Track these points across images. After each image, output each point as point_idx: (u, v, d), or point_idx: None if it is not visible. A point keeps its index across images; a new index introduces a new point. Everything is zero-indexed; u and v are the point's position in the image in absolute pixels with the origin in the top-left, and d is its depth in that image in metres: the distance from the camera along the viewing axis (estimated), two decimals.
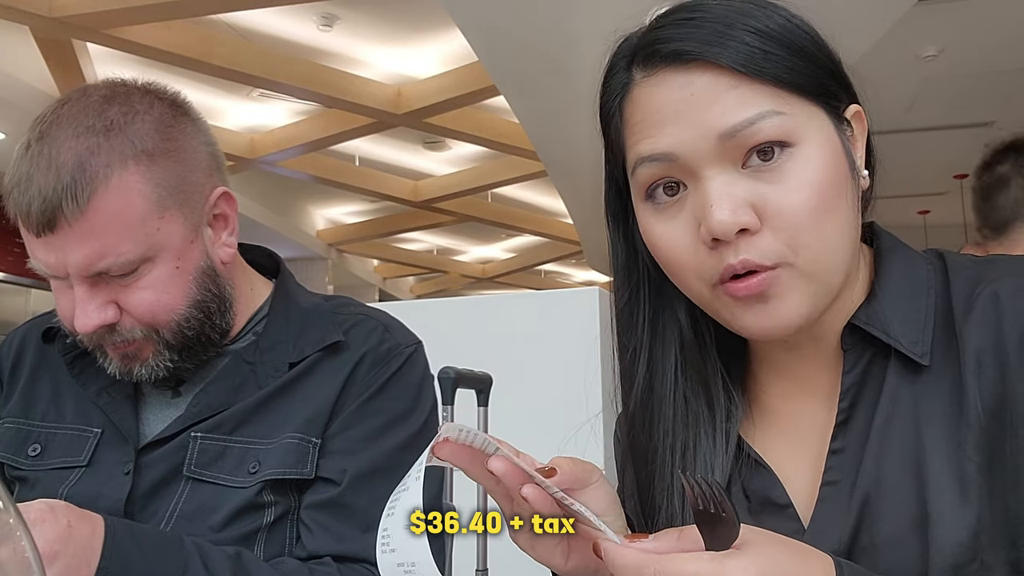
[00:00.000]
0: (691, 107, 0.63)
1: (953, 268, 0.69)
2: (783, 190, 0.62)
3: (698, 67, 0.63)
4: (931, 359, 0.65)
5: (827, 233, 0.63)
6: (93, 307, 0.92)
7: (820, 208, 0.62)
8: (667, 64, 0.64)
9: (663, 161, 0.64)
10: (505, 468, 0.60)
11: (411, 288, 15.41)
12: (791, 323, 0.64)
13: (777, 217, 0.62)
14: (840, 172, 0.65)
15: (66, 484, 0.99)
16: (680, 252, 0.66)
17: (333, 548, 0.96)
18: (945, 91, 5.82)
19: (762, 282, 0.63)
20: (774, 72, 0.63)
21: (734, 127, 0.62)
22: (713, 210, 0.62)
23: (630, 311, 0.76)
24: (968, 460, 0.61)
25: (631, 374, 0.76)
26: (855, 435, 0.67)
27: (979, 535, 0.60)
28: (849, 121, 0.68)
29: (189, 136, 0.98)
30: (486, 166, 8.40)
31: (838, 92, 0.67)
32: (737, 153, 0.63)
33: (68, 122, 0.91)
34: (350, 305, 1.13)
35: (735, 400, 0.74)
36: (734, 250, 0.63)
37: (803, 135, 0.63)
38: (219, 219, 1.02)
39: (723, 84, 0.62)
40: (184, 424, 1.00)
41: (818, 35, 0.67)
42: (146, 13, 4.70)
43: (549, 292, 3.02)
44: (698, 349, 0.75)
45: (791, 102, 0.63)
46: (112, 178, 0.90)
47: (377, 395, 1.02)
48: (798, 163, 0.62)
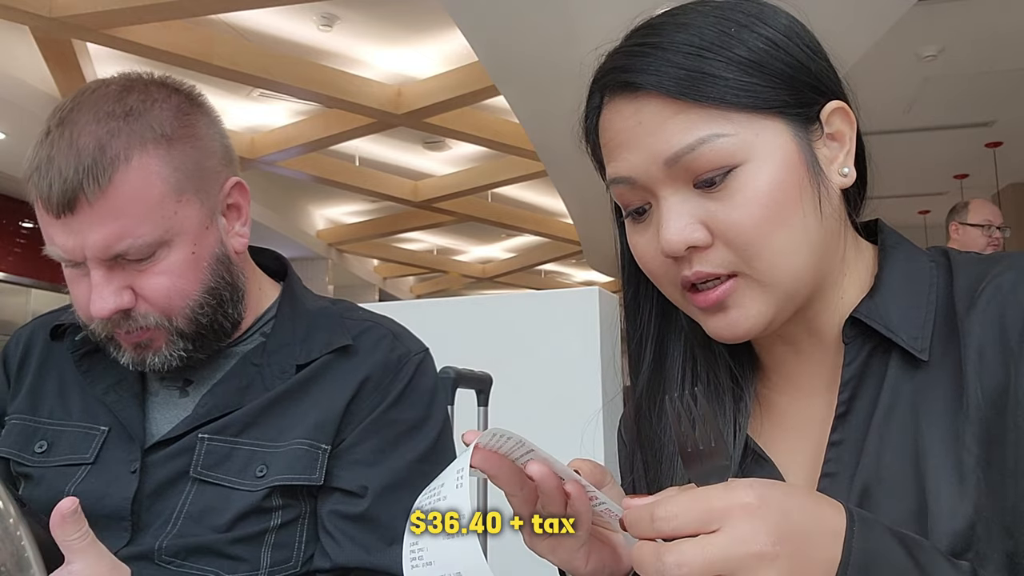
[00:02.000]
0: (639, 135, 0.66)
1: (957, 264, 0.70)
2: (729, 207, 0.65)
3: (645, 96, 0.66)
4: (931, 354, 0.66)
5: (777, 244, 0.65)
6: (109, 291, 0.93)
7: (767, 221, 0.64)
8: (621, 92, 0.68)
9: (625, 184, 0.69)
10: (544, 472, 0.61)
11: (411, 288, 15.42)
12: (752, 329, 0.67)
13: (725, 233, 0.65)
14: (794, 180, 0.65)
15: (72, 482, 0.99)
16: (651, 262, 0.70)
17: (363, 560, 0.97)
18: (945, 91, 5.82)
19: (720, 294, 0.66)
20: (715, 95, 0.64)
21: (676, 153, 0.65)
22: (663, 230, 0.66)
23: (636, 305, 0.79)
24: (967, 452, 0.62)
25: (637, 363, 0.79)
26: (854, 427, 0.68)
27: (976, 526, 0.60)
28: (822, 121, 0.68)
29: (204, 126, 1.01)
30: (486, 166, 8.40)
31: (805, 97, 0.67)
32: (686, 175, 0.65)
33: (88, 108, 0.93)
34: (357, 310, 1.13)
35: (742, 385, 0.76)
36: (688, 263, 0.67)
37: (749, 152, 0.64)
38: (232, 209, 1.03)
39: (668, 111, 0.65)
40: (191, 425, 1.00)
41: (778, 36, 0.66)
42: (146, 13, 4.70)
43: (549, 292, 3.01)
44: (704, 342, 0.76)
45: (737, 121, 0.64)
46: (132, 160, 0.91)
47: (393, 405, 1.02)
48: (744, 181, 0.64)
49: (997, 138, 6.92)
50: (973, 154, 7.21)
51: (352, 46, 5.86)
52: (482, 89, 5.78)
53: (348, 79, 6.11)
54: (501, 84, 5.02)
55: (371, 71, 6.17)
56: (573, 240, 10.32)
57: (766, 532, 0.50)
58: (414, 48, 5.86)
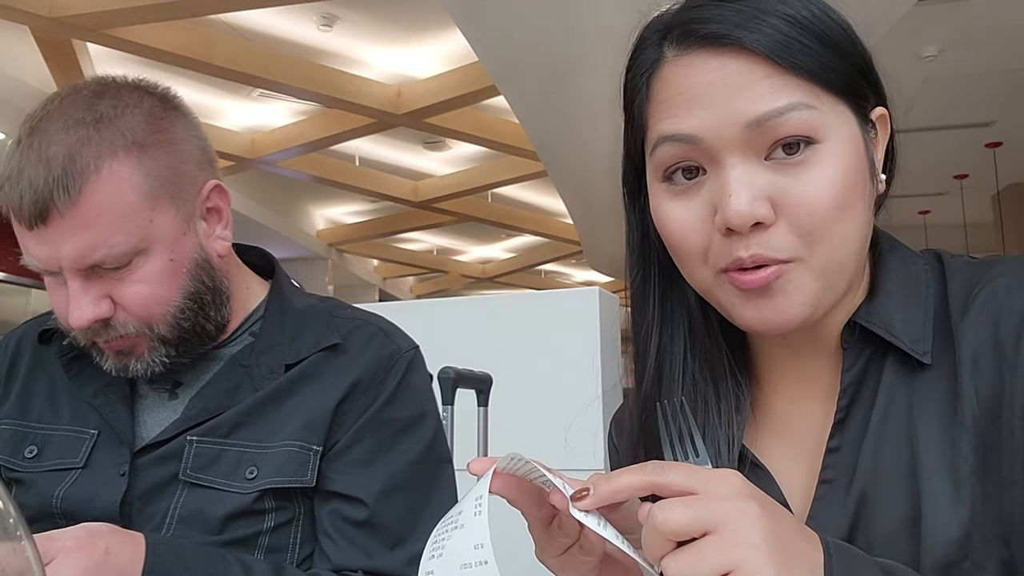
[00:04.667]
0: (722, 91, 0.62)
1: (950, 269, 0.69)
2: (804, 184, 0.61)
3: (733, 52, 0.62)
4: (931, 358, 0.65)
5: (842, 232, 0.62)
6: (87, 301, 0.92)
7: (838, 206, 0.62)
8: (702, 45, 0.63)
9: (686, 143, 0.63)
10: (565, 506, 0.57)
11: (411, 288, 15.41)
12: (792, 319, 0.64)
13: (794, 211, 0.61)
14: (860, 173, 0.64)
15: (62, 486, 0.99)
16: (691, 236, 0.65)
17: (364, 563, 0.97)
18: (945, 91, 5.82)
19: (770, 276, 0.62)
20: (808, 65, 0.62)
21: (763, 115, 0.61)
22: (731, 199, 0.61)
23: (643, 290, 0.75)
24: (962, 459, 0.61)
25: (644, 353, 0.75)
26: (852, 434, 0.67)
27: (971, 534, 0.60)
28: (874, 123, 0.68)
29: (179, 129, 0.98)
30: (486, 166, 8.40)
31: (866, 92, 0.67)
32: (762, 143, 0.62)
33: (58, 116, 0.91)
34: (345, 308, 1.12)
35: (743, 389, 0.74)
36: (745, 243, 0.62)
37: (829, 132, 0.62)
38: (212, 212, 1.02)
39: (757, 72, 0.61)
40: (180, 428, 0.99)
41: (853, 30, 0.66)
42: (146, 13, 4.71)
43: (549, 292, 3.01)
44: (706, 331, 0.74)
45: (821, 97, 0.62)
46: (103, 169, 0.90)
47: (387, 404, 1.02)
48: (821, 159, 0.62)
49: (997, 138, 6.92)
50: (973, 154, 7.21)
51: (352, 46, 5.86)
52: (482, 89, 5.79)
53: (348, 79, 6.11)
54: (501, 84, 5.02)
55: (371, 71, 6.17)
56: (573, 240, 10.32)
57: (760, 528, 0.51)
58: (414, 48, 5.86)
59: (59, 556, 0.75)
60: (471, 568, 0.53)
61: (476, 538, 0.54)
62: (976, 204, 8.40)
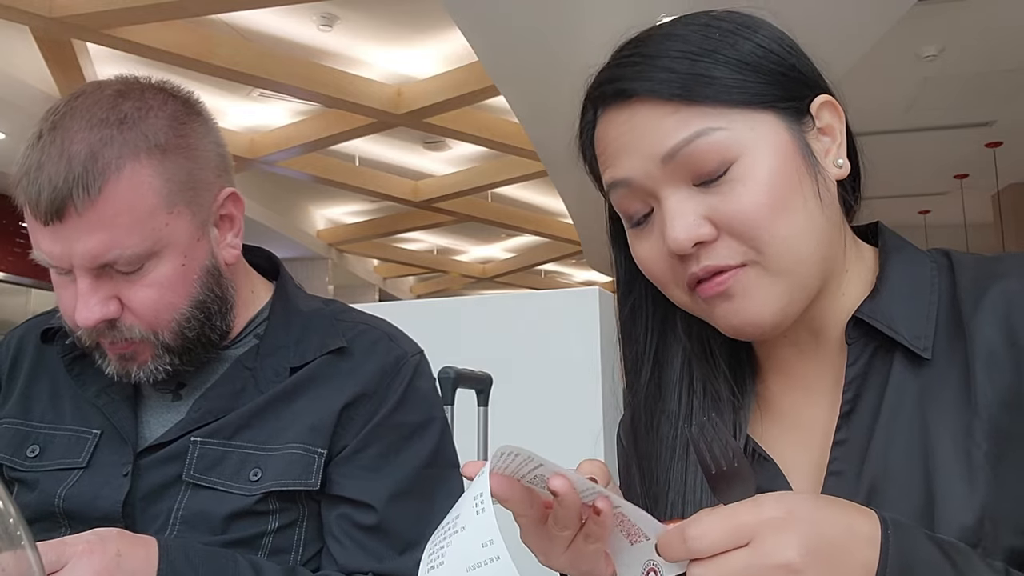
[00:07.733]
0: (636, 138, 0.68)
1: (959, 265, 0.71)
2: (734, 198, 0.66)
3: (638, 101, 0.68)
4: (935, 352, 0.67)
5: (788, 230, 0.66)
6: (95, 301, 0.92)
7: (773, 208, 0.65)
8: (614, 102, 0.70)
9: (624, 187, 0.70)
10: (566, 488, 0.58)
11: (411, 288, 15.42)
12: (761, 319, 0.67)
13: (731, 224, 0.66)
14: (794, 171, 0.67)
15: (65, 485, 0.99)
16: (657, 267, 0.71)
17: (374, 567, 0.97)
18: (945, 91, 5.83)
19: (725, 280, 0.67)
20: (706, 93, 0.66)
21: (673, 148, 0.66)
22: (667, 230, 0.67)
23: (632, 322, 0.80)
24: (976, 447, 0.63)
25: (634, 378, 0.79)
26: (859, 426, 0.68)
27: (984, 521, 0.61)
28: (812, 115, 0.70)
29: (200, 135, 0.98)
30: (486, 166, 8.40)
31: (794, 91, 0.69)
32: (685, 172, 0.67)
33: (81, 114, 0.91)
34: (350, 311, 1.12)
35: (740, 398, 0.76)
36: (696, 261, 0.67)
37: (745, 146, 0.66)
38: (225, 220, 1.01)
39: (661, 112, 0.67)
40: (184, 429, 0.99)
41: (767, 38, 0.69)
42: (146, 13, 4.71)
43: (549, 292, 3.02)
44: (702, 354, 0.77)
45: (731, 117, 0.66)
46: (124, 169, 0.89)
47: (395, 409, 1.01)
48: (745, 172, 0.66)
49: (997, 138, 6.93)
50: (973, 154, 7.21)
51: (352, 46, 5.86)
52: (482, 89, 5.79)
53: (348, 79, 6.11)
54: (501, 84, 5.02)
55: (371, 71, 6.17)
56: (573, 240, 10.32)
57: (795, 544, 0.51)
58: (414, 48, 5.86)
59: (71, 561, 0.75)
60: (481, 567, 0.53)
61: (483, 536, 0.54)
62: (976, 204, 8.41)
